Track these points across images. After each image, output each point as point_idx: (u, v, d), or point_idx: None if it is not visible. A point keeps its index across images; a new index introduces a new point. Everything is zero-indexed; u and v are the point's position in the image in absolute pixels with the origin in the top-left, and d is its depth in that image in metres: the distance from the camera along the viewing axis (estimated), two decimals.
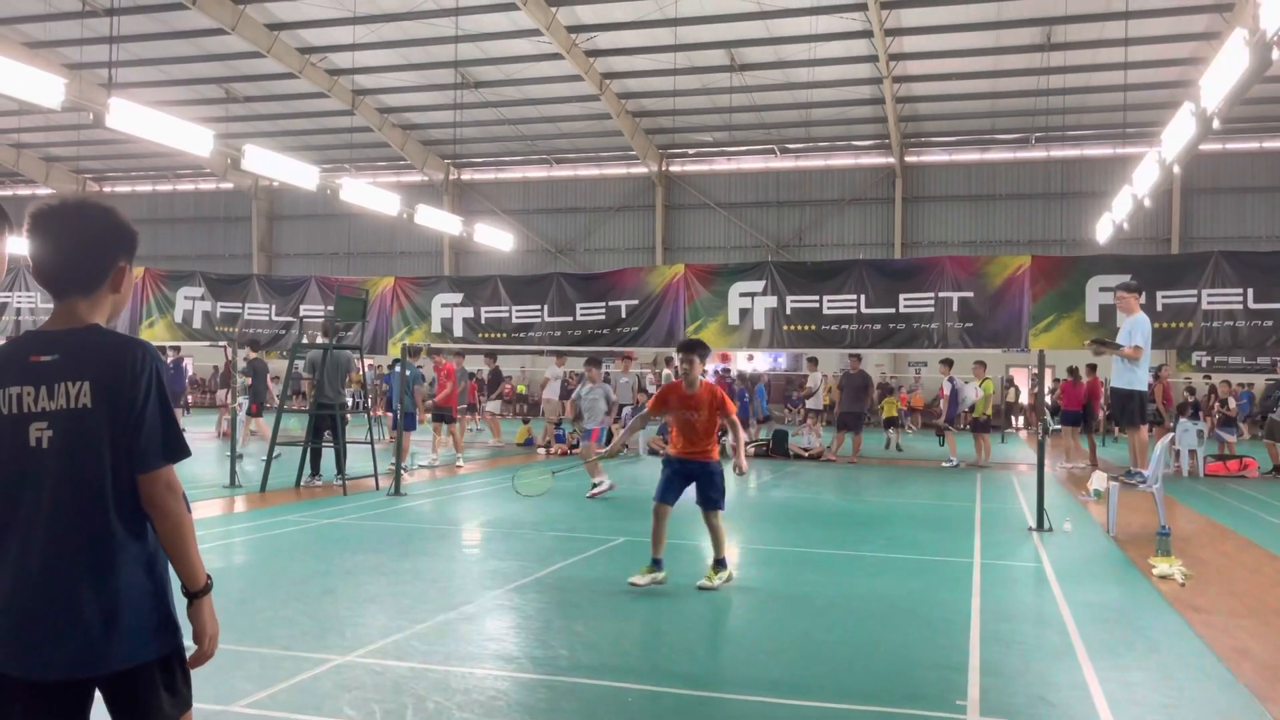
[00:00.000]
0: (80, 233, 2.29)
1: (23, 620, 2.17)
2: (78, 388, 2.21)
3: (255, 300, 20.56)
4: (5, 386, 2.21)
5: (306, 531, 9.08)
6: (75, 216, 2.29)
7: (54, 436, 2.19)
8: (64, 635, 2.17)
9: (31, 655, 2.16)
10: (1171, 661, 5.20)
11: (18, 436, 2.20)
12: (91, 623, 2.18)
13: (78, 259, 2.29)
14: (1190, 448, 16.47)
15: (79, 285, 2.29)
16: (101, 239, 2.32)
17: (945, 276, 16.48)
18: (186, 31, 27.26)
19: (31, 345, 2.26)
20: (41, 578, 2.17)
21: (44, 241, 2.27)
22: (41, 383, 2.21)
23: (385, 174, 38.70)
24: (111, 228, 2.34)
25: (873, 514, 11.35)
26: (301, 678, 4.59)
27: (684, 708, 4.37)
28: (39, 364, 2.22)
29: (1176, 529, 8.78)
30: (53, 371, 2.21)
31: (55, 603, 2.17)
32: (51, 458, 2.19)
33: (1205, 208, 32.87)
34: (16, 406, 2.20)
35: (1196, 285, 15.27)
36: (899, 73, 28.46)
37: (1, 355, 2.28)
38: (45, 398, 2.20)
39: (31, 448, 2.19)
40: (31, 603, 2.17)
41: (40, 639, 2.16)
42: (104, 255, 2.32)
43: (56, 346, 2.24)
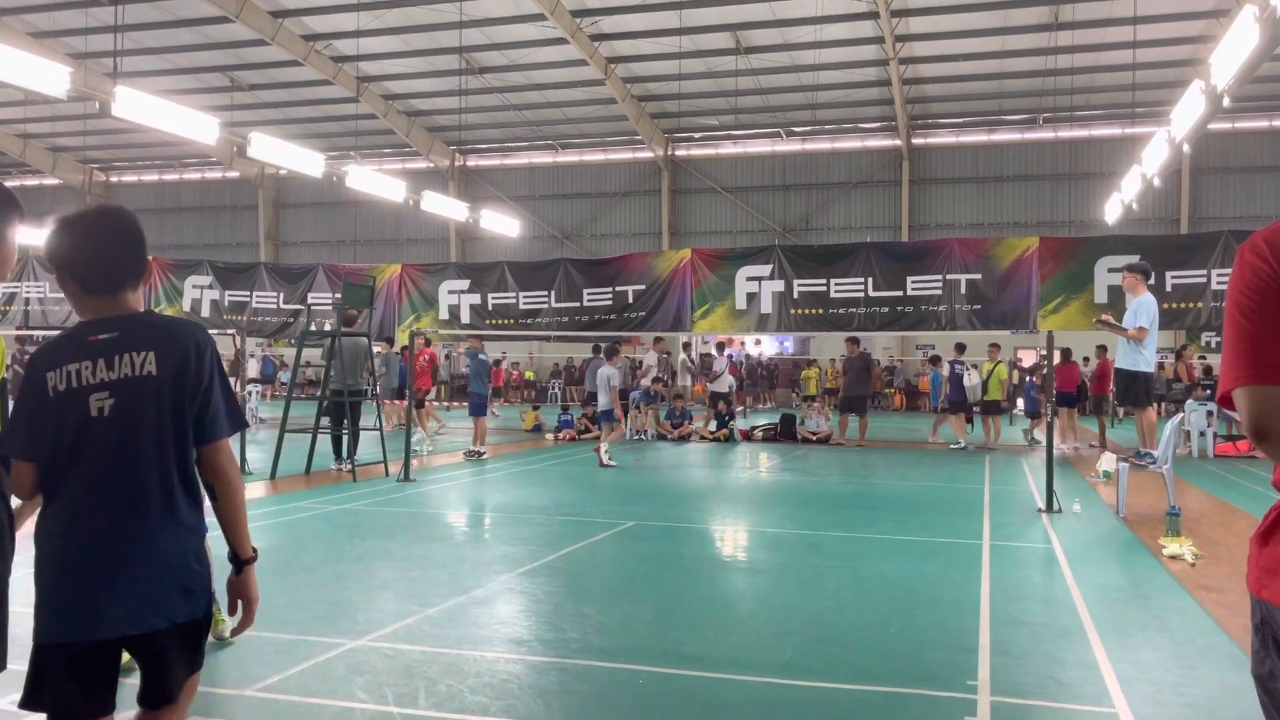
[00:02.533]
0: (127, 234, 2.52)
1: (84, 580, 2.33)
2: (142, 357, 2.41)
3: (263, 289, 20.61)
4: (65, 365, 2.39)
5: (317, 518, 9.12)
6: (119, 220, 2.53)
7: (115, 404, 2.38)
8: (121, 594, 2.33)
9: (89, 613, 2.32)
10: (1182, 641, 5.21)
11: (78, 408, 2.37)
12: (147, 582, 2.36)
13: (131, 257, 2.52)
14: (1200, 428, 16.43)
15: (131, 280, 2.52)
16: (142, 238, 2.56)
17: (953, 259, 16.45)
18: (190, 20, 27.21)
19: (89, 329, 2.45)
20: (101, 539, 2.34)
21: (100, 243, 2.48)
22: (100, 356, 2.40)
23: (391, 161, 38.66)
24: (140, 229, 2.58)
25: (881, 497, 11.36)
26: (314, 662, 4.62)
27: (695, 689, 4.39)
28: (97, 342, 2.41)
29: (1186, 509, 8.77)
30: (114, 346, 2.41)
31: (114, 562, 2.34)
32: (112, 425, 2.37)
33: (1214, 187, 32.66)
34: (76, 381, 2.38)
35: (1206, 265, 15.21)
36: (905, 54, 28.29)
37: (59, 341, 2.46)
38: (105, 369, 2.38)
39: (93, 417, 2.37)
40: (92, 563, 2.33)
41: (98, 597, 2.32)
42: (144, 252, 2.59)
43: (115, 327, 2.44)
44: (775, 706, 4.19)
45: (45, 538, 2.38)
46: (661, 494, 11.44)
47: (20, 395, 2.43)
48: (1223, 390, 1.78)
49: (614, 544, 7.99)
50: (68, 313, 21.77)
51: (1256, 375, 1.69)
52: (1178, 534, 7.77)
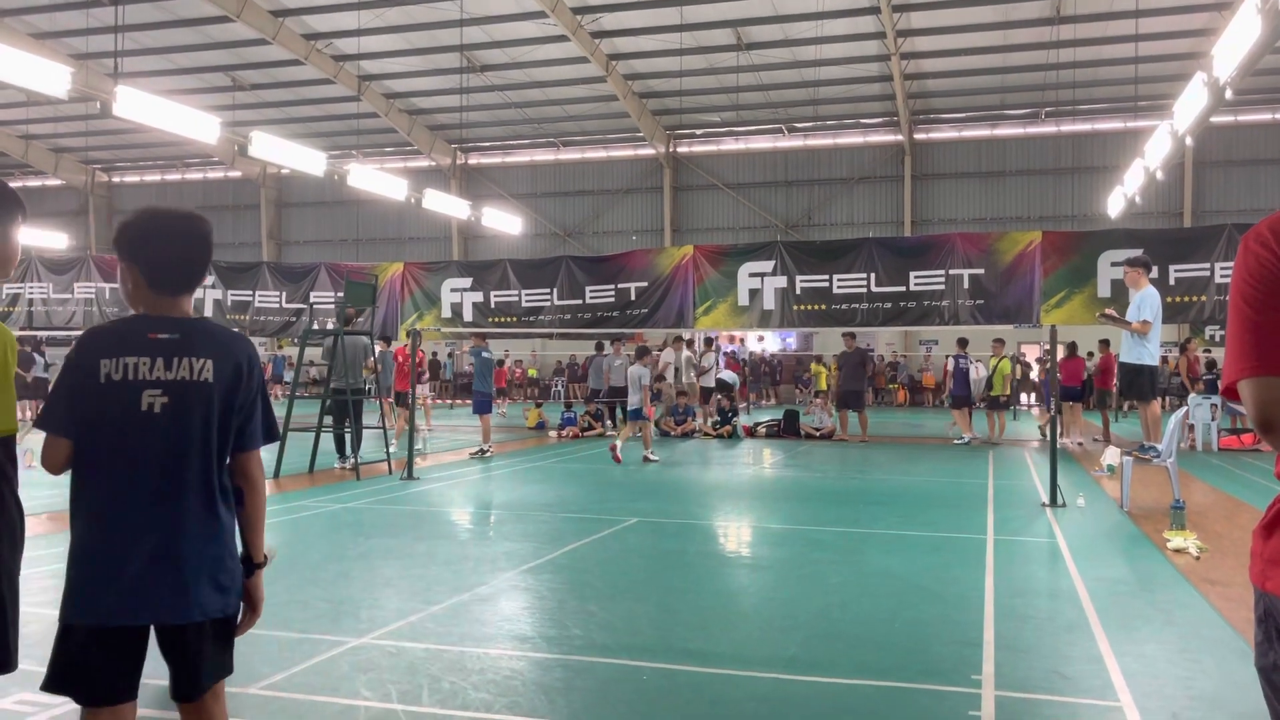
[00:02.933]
0: (204, 243, 2.66)
1: (126, 566, 2.41)
2: (201, 364, 2.51)
3: (266, 288, 20.61)
4: (123, 356, 2.47)
5: (320, 516, 9.13)
6: (200, 228, 2.65)
7: (167, 403, 2.47)
8: (160, 583, 2.42)
9: (128, 599, 2.40)
10: (1187, 634, 5.19)
11: (130, 400, 2.45)
12: (185, 575, 2.45)
13: (201, 265, 2.65)
14: (1204, 421, 16.40)
15: (194, 286, 2.65)
16: (211, 248, 2.69)
17: (956, 254, 16.42)
18: (191, 19, 27.21)
19: (149, 325, 2.54)
20: (145, 530, 2.43)
21: (180, 248, 2.60)
22: (159, 355, 2.49)
23: (392, 160, 38.66)
24: (211, 238, 2.70)
25: (885, 492, 11.34)
26: (318, 660, 4.62)
27: (699, 685, 4.38)
28: (158, 340, 2.50)
29: (1191, 503, 8.75)
30: (174, 347, 2.50)
31: (156, 553, 2.42)
32: (161, 421, 2.47)
33: (1218, 180, 32.59)
34: (132, 374, 2.46)
35: (1209, 259, 15.18)
36: (907, 49, 28.24)
37: (116, 331, 2.54)
38: (162, 368, 2.48)
39: (143, 411, 2.46)
40: (135, 551, 2.41)
41: (138, 585, 2.41)
42: (209, 261, 2.73)
43: (176, 329, 2.54)
44: (779, 702, 4.18)
45: (86, 522, 2.45)
46: (665, 491, 11.43)
47: (66, 375, 2.49)
48: (1227, 382, 1.77)
49: (617, 541, 7.99)
50: (71, 313, 21.80)
51: (1262, 366, 1.68)
52: (1182, 527, 7.76)
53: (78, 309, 21.82)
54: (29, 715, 3.88)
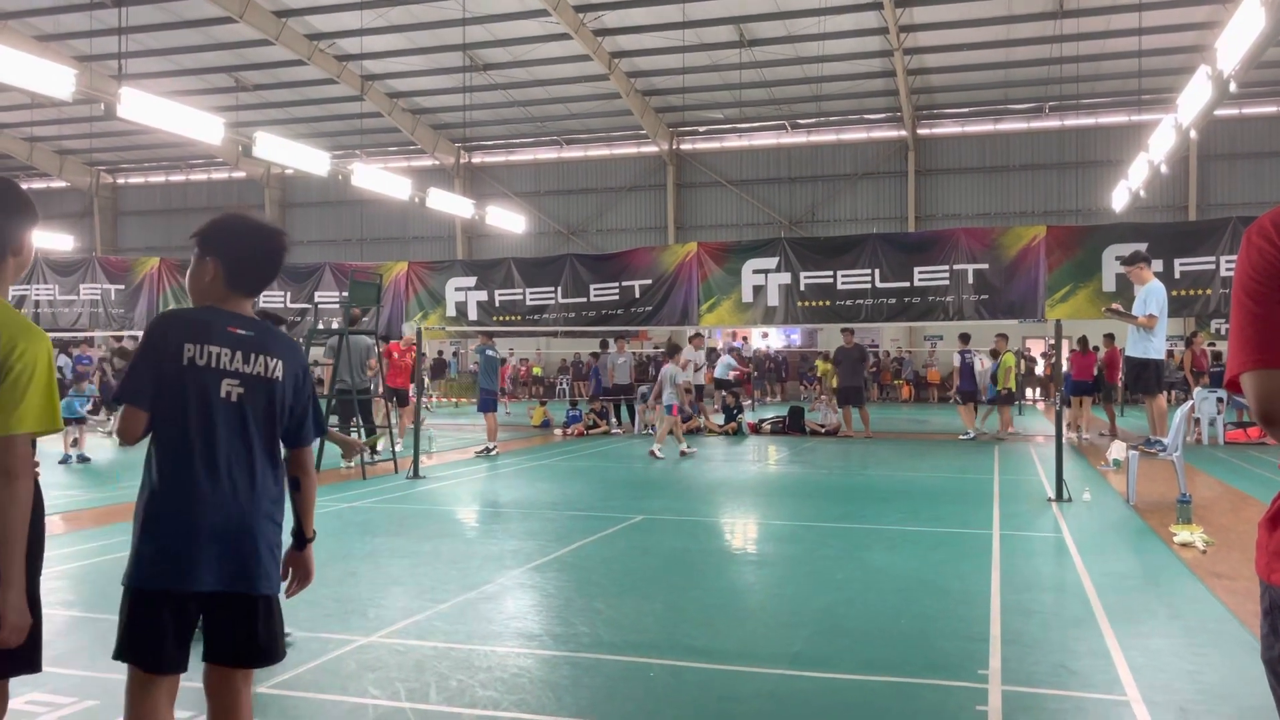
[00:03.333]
0: (280, 253, 2.89)
1: (202, 537, 2.59)
2: (274, 363, 2.76)
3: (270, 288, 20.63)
4: (207, 344, 2.67)
5: (327, 516, 9.15)
6: (284, 243, 2.90)
7: (244, 394, 2.70)
8: (230, 555, 2.63)
9: (201, 566, 2.59)
10: (1194, 628, 5.19)
11: (211, 386, 2.66)
12: (258, 550, 2.68)
13: (275, 272, 2.90)
14: (1210, 415, 16.37)
15: (263, 289, 2.92)
16: (283, 262, 2.93)
17: (960, 249, 16.40)
18: (194, 20, 27.25)
19: (228, 319, 2.74)
20: (221, 506, 2.63)
21: (269, 259, 2.84)
22: (238, 349, 2.71)
23: (396, 159, 38.69)
24: (286, 252, 2.93)
25: (890, 488, 11.34)
26: (326, 658, 4.64)
27: (706, 681, 4.39)
28: (236, 335, 2.72)
29: (1197, 496, 8.75)
30: (251, 344, 2.73)
31: (230, 527, 2.63)
32: (237, 411, 2.69)
33: (1222, 173, 32.51)
34: (215, 362, 2.67)
35: (1214, 252, 15.14)
36: (910, 44, 28.19)
37: (197, 318, 2.72)
38: (240, 361, 2.70)
39: (221, 398, 2.67)
40: (212, 524, 2.61)
41: (209, 554, 2.60)
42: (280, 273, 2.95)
43: (251, 327, 2.76)
44: (786, 698, 4.19)
45: (166, 494, 2.61)
46: (671, 488, 11.44)
47: (148, 351, 2.66)
48: (1231, 375, 1.77)
49: (624, 538, 8.00)
50: (77, 315, 21.86)
51: (1264, 359, 1.68)
52: (1189, 521, 7.75)
53: (83, 310, 21.87)
54: (40, 715, 3.90)
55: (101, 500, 10.06)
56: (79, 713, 3.95)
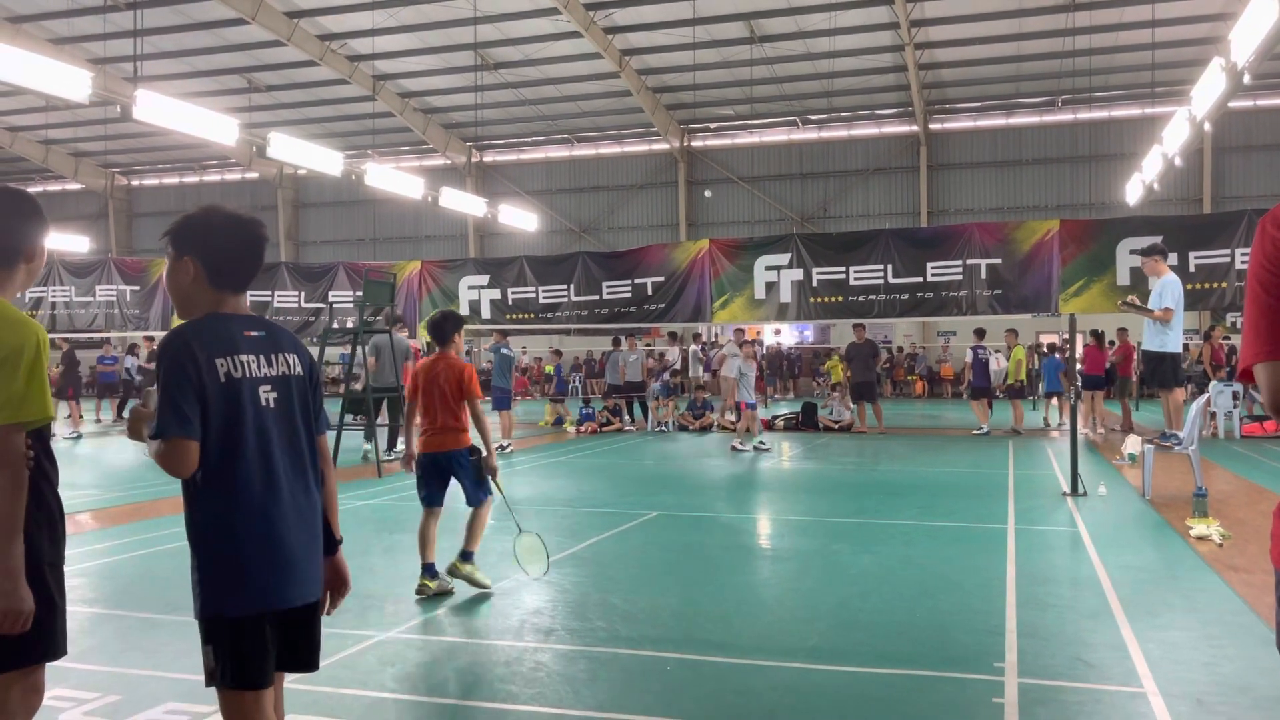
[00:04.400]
0: (264, 247, 2.76)
1: (288, 552, 2.57)
2: (291, 358, 2.70)
3: (284, 288, 20.74)
4: (236, 355, 2.56)
5: (344, 513, 9.12)
6: (258, 229, 2.72)
7: (277, 398, 2.63)
8: (312, 563, 2.65)
9: (296, 581, 2.58)
10: (1211, 620, 5.19)
11: (252, 397, 2.57)
12: (310, 556, 2.65)
13: (258, 264, 2.74)
14: (1226, 409, 16.28)
15: (248, 286, 2.74)
16: (265, 252, 2.80)
17: (973, 244, 16.35)
18: (207, 22, 27.39)
19: (240, 323, 2.63)
20: (293, 516, 2.60)
21: (250, 251, 2.69)
22: (260, 353, 2.62)
23: (408, 159, 38.80)
24: (266, 242, 2.81)
25: (905, 483, 11.33)
26: (345, 654, 4.68)
27: (723, 675, 4.42)
28: (253, 338, 2.63)
29: (1213, 490, 8.71)
30: (267, 344, 2.65)
31: (304, 536, 2.62)
32: (275, 416, 2.62)
33: (1237, 166, 32.30)
34: (247, 371, 2.58)
35: (1230, 245, 15.06)
36: (921, 39, 28.11)
37: (216, 331, 2.58)
38: (265, 365, 2.62)
39: (263, 407, 2.59)
40: (293, 536, 2.58)
41: (304, 567, 2.61)
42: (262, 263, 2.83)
43: (260, 327, 2.68)
44: (802, 691, 4.21)
45: (239, 518, 2.51)
46: (684, 484, 11.46)
47: (177, 375, 2.46)
48: (1243, 365, 1.79)
49: (639, 534, 8.03)
50: (93, 316, 22.00)
51: (1276, 350, 1.70)
52: (1205, 515, 7.73)
53: (99, 312, 22.02)
54: (64, 710, 3.95)
55: (121, 499, 10.14)
56: (102, 707, 4.01)
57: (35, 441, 2.52)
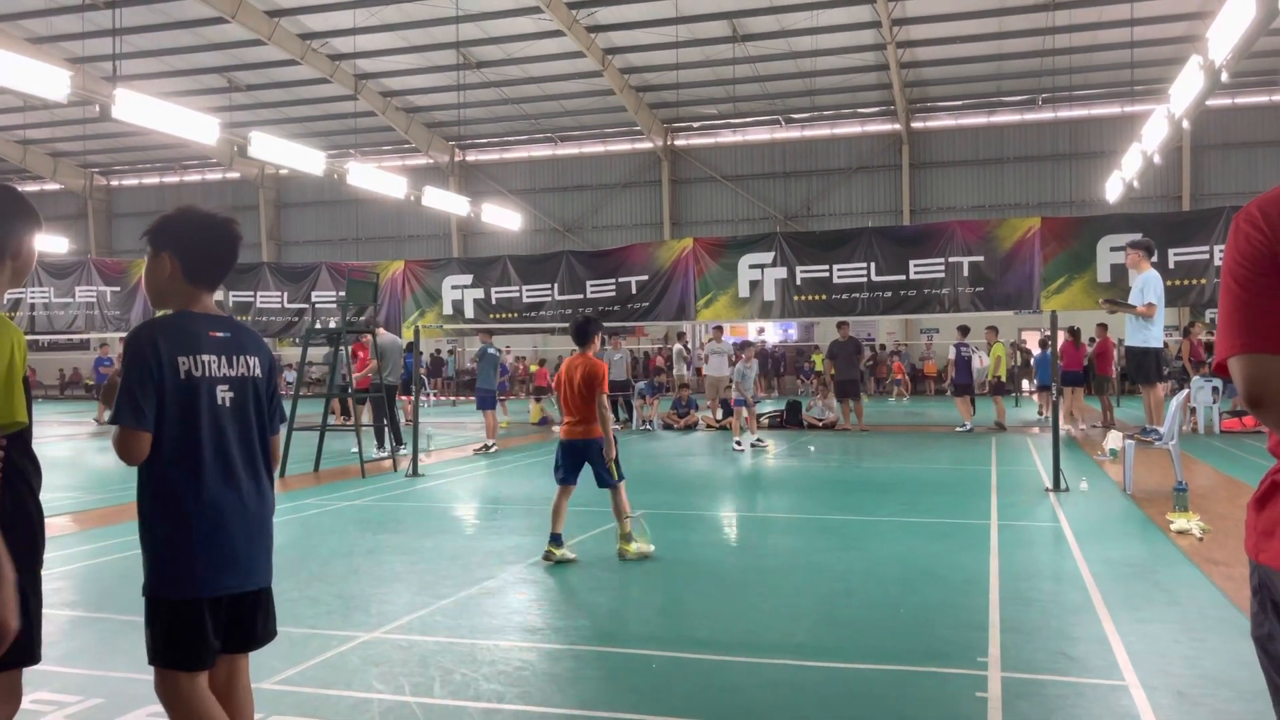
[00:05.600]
0: (234, 242, 2.87)
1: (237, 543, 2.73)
2: (252, 360, 2.83)
3: (267, 288, 20.65)
4: (198, 354, 2.71)
5: (327, 514, 9.17)
6: (236, 232, 2.86)
7: (233, 398, 2.77)
8: (258, 554, 2.80)
9: (242, 569, 2.75)
10: (1191, 614, 5.23)
11: (209, 396, 2.72)
12: (269, 544, 2.86)
13: (230, 264, 2.88)
14: (1205, 404, 16.41)
15: (219, 283, 2.88)
16: (238, 251, 2.91)
17: (955, 241, 16.45)
18: (187, 21, 27.22)
19: (206, 323, 2.76)
20: (244, 509, 2.76)
21: (225, 249, 2.83)
22: (223, 353, 2.76)
23: (390, 158, 38.68)
24: (240, 242, 2.93)
25: (888, 480, 11.38)
26: (329, 654, 4.67)
27: (709, 671, 4.42)
28: (219, 339, 2.76)
29: (1193, 485, 8.78)
30: (230, 345, 2.78)
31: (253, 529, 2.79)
32: (230, 415, 2.76)
33: (1215, 163, 32.58)
34: (207, 370, 2.72)
35: (1208, 241, 15.19)
36: (902, 37, 28.23)
37: (182, 328, 2.72)
38: (225, 365, 2.76)
39: (218, 405, 2.74)
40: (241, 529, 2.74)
41: (245, 557, 2.76)
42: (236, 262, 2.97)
43: (226, 327, 2.81)
44: (788, 687, 4.23)
45: (188, 507, 2.67)
46: (670, 482, 11.47)
47: (140, 368, 2.63)
48: (1218, 359, 1.81)
49: None
50: (73, 317, 21.84)
51: (1251, 344, 1.72)
52: (1185, 509, 7.79)
53: (79, 313, 21.86)
54: (46, 714, 3.92)
55: (103, 501, 10.07)
56: (84, 711, 3.98)
57: (16, 444, 2.49)
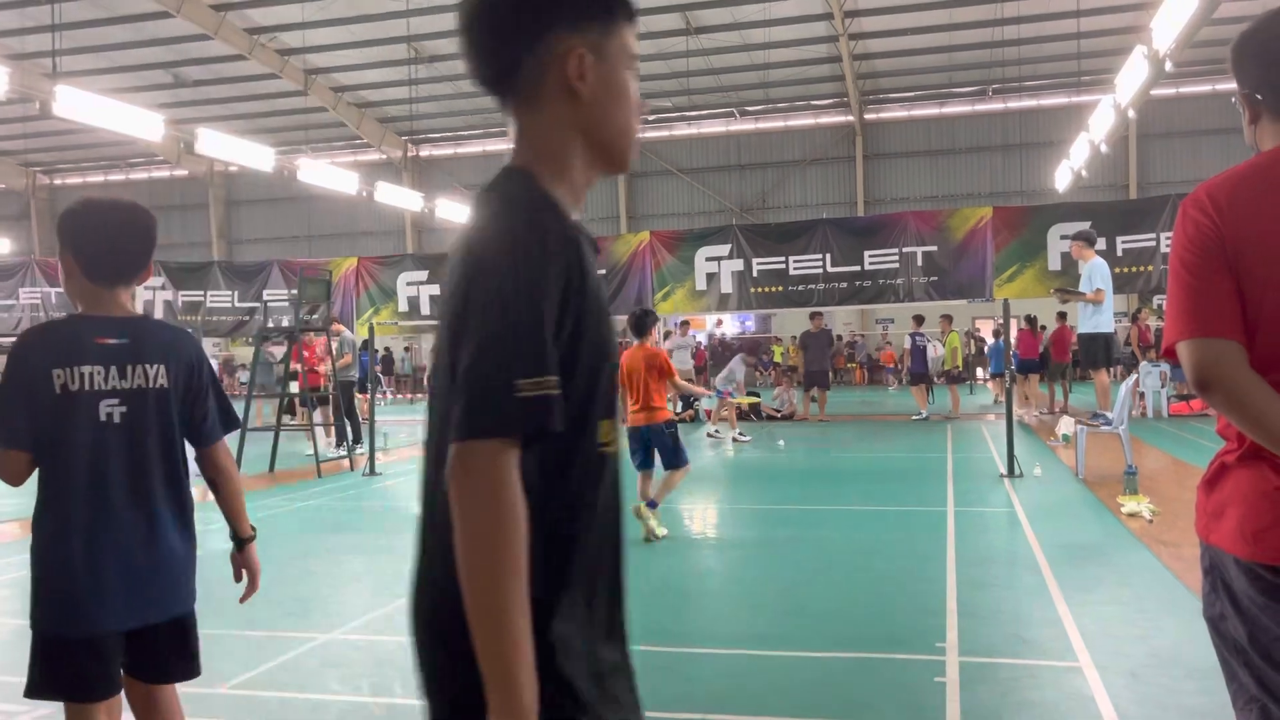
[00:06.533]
0: (141, 231, 2.58)
1: (106, 577, 2.41)
2: (155, 370, 2.50)
3: (217, 287, 20.32)
4: (77, 365, 2.42)
5: (283, 515, 9.05)
6: (136, 215, 2.59)
7: (126, 413, 2.46)
8: (147, 587, 2.46)
9: (121, 608, 2.43)
10: (1143, 594, 5.33)
11: (89, 413, 2.42)
12: (164, 576, 2.50)
13: (139, 255, 2.57)
14: (1154, 389, 16.73)
15: (130, 278, 2.57)
16: (153, 240, 2.62)
17: (909, 232, 16.59)
18: (129, 16, 26.61)
19: (94, 328, 2.47)
20: (122, 541, 2.43)
21: (115, 234, 2.54)
22: (112, 363, 2.45)
23: (343, 154, 38.20)
24: (154, 229, 2.63)
25: (847, 469, 11.47)
26: (286, 657, 4.60)
27: (669, 664, 4.42)
28: (107, 346, 2.45)
29: (1143, 468, 8.94)
30: (125, 354, 2.47)
31: (132, 561, 2.44)
32: (122, 432, 2.46)
33: (1161, 152, 33.17)
34: (88, 384, 2.42)
35: (1155, 229, 15.45)
36: (854, 29, 28.39)
37: (63, 335, 2.47)
38: (117, 377, 2.45)
39: (102, 422, 2.43)
40: (113, 562, 2.41)
41: (127, 593, 2.43)
42: (151, 255, 2.62)
43: (123, 332, 2.49)
44: (749, 677, 4.24)
45: (61, 536, 2.42)
46: (630, 475, 11.45)
47: (12, 383, 2.41)
48: (1167, 344, 1.83)
49: None
50: (17, 320, 21.33)
51: (1198, 328, 1.74)
52: (1135, 492, 7.94)
53: (23, 315, 21.36)
54: None
55: None
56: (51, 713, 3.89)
57: None
